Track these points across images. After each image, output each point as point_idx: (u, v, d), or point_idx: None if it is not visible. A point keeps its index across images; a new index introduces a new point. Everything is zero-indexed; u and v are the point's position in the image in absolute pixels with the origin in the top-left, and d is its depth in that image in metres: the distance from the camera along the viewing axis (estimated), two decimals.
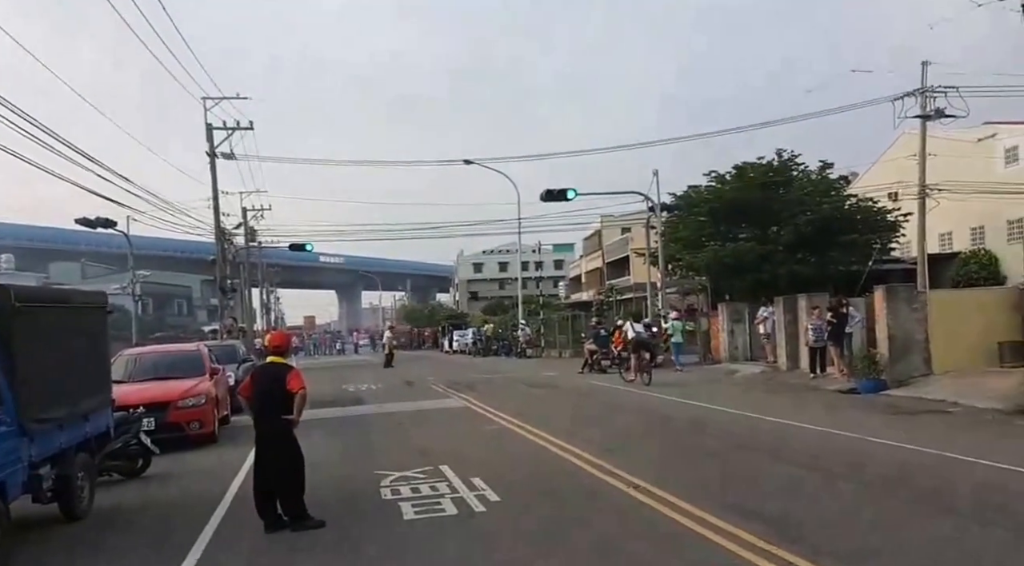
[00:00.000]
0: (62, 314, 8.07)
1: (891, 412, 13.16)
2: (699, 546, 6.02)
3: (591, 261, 64.43)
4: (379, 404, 17.92)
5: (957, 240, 34.45)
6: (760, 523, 6.44)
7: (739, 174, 30.11)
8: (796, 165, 30.40)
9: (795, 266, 27.41)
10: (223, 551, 6.65)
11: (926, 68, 24.88)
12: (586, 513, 7.22)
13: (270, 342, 7.92)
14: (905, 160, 28.86)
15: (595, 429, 12.48)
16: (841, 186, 31.17)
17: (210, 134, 31.53)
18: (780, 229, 28.81)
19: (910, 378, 16.10)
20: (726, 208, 29.06)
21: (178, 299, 76.13)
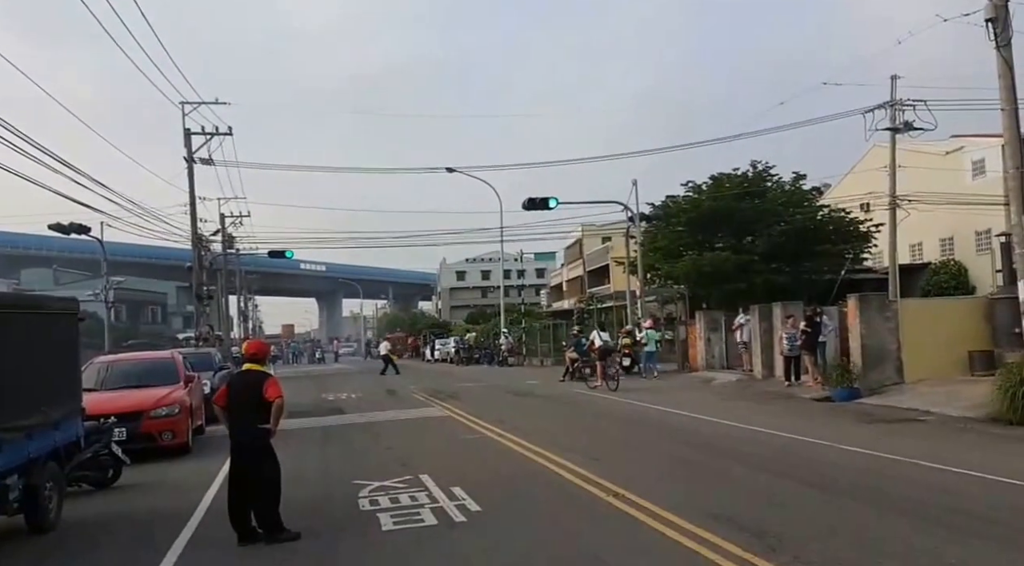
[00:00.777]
0: (32, 321, 7.82)
1: (865, 421, 13.18)
2: (680, 555, 5.92)
3: (572, 270, 64.52)
4: (359, 413, 17.67)
5: (927, 251, 34.87)
6: (739, 531, 6.37)
7: (715, 185, 30.35)
8: (770, 176, 30.71)
9: (771, 275, 27.60)
10: (195, 561, 6.44)
11: (895, 82, 25.19)
12: (567, 522, 7.10)
13: (247, 350, 7.73)
14: (876, 172, 29.18)
15: (576, 437, 12.37)
16: (814, 197, 31.49)
17: (188, 139, 31.10)
18: (755, 239, 29.04)
19: (883, 386, 16.18)
20: (703, 218, 29.23)
21: (153, 306, 75.13)
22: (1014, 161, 13.29)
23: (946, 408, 13.31)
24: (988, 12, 13.00)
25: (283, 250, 39.62)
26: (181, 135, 31.00)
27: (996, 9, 12.95)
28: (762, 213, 29.09)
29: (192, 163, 31.30)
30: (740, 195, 29.50)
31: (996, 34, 12.98)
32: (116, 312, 53.30)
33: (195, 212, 31.65)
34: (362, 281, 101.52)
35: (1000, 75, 13.29)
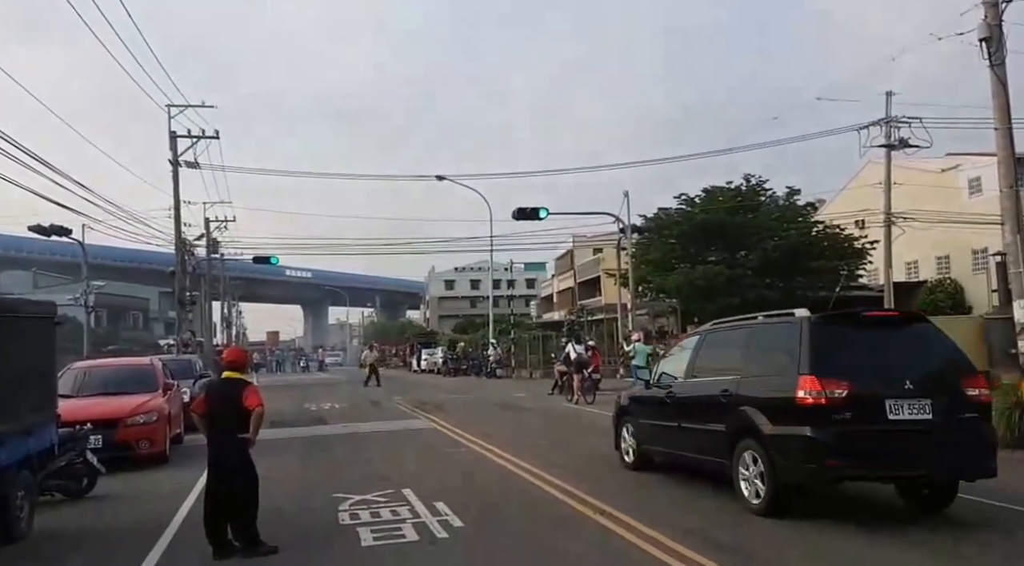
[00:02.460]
0: (6, 324, 7.68)
1: None
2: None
3: (563, 281, 64.56)
4: (342, 424, 17.54)
5: (923, 268, 35.08)
6: (730, 554, 6.34)
7: (708, 198, 30.55)
8: (764, 191, 30.95)
9: (763, 290, 27.78)
10: None
11: (890, 98, 25.42)
12: (552, 540, 7.04)
13: (226, 357, 7.65)
14: (871, 188, 29.39)
15: (562, 452, 12.32)
16: (808, 212, 31.73)
17: (173, 142, 31.06)
18: (748, 253, 29.22)
19: None
20: (696, 231, 29.38)
21: (134, 311, 74.67)
22: (1007, 180, 13.38)
23: None
24: (982, 31, 13.12)
25: (268, 256, 39.44)
26: (166, 138, 30.97)
27: (990, 28, 13.06)
28: (756, 227, 29.28)
29: (177, 166, 31.24)
30: (733, 209, 29.69)
31: (990, 53, 13.09)
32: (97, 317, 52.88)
33: (179, 216, 31.59)
34: (349, 289, 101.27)
35: (994, 94, 13.40)
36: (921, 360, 7.79)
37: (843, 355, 7.58)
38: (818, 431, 7.19)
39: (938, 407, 7.33)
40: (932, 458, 7.33)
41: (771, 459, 7.55)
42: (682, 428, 9.28)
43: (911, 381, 7.37)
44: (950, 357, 7.92)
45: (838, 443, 7.17)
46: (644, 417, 10.36)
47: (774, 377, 7.83)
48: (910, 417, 7.26)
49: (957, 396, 7.53)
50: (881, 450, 7.27)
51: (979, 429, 7.56)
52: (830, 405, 7.20)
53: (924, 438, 7.28)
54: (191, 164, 31.87)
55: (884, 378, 7.44)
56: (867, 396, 7.27)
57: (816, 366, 7.35)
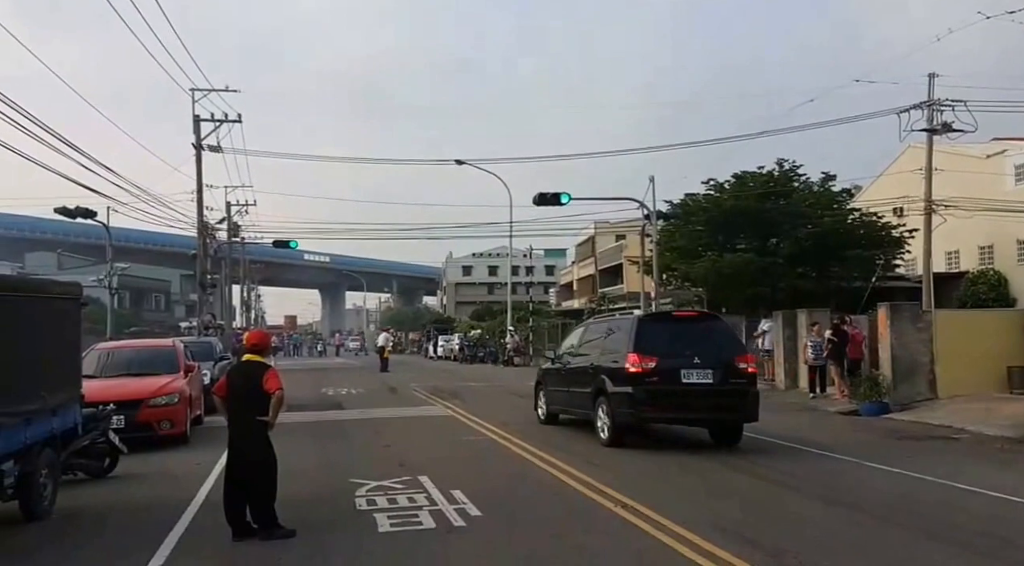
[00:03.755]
0: (34, 305, 7.89)
1: (895, 437, 13.08)
2: None
3: (583, 268, 64.36)
4: (359, 410, 17.75)
5: (964, 259, 34.47)
6: (754, 550, 6.37)
7: (738, 183, 30.03)
8: (797, 176, 30.33)
9: (795, 280, 27.32)
10: (188, 559, 6.51)
11: (933, 81, 24.91)
12: (571, 533, 7.10)
13: (248, 340, 7.79)
14: (911, 174, 28.90)
15: (580, 442, 12.36)
16: (844, 199, 31.12)
17: (197, 126, 31.53)
18: (780, 241, 28.72)
19: (914, 402, 16.00)
20: (724, 218, 28.96)
21: (156, 293, 75.65)
22: None
23: (982, 426, 13.15)
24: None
25: (287, 240, 39.75)
26: (190, 121, 31.43)
27: None
28: (788, 214, 28.75)
29: (200, 150, 31.69)
30: (765, 195, 29.18)
31: None
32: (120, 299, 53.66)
33: (202, 199, 32.00)
34: (366, 274, 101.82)
35: None
36: (708, 344, 11.74)
37: (656, 341, 11.58)
38: (636, 390, 11.26)
39: (717, 375, 11.37)
40: (713, 408, 11.51)
41: (611, 409, 11.59)
42: (570, 392, 13.37)
43: (699, 357, 11.39)
44: (729, 343, 12.26)
45: (649, 398, 11.24)
46: (551, 385, 14.44)
47: (615, 354, 11.88)
48: (698, 381, 11.34)
49: (731, 368, 11.53)
50: (678, 403, 11.40)
51: (746, 390, 11.59)
52: (644, 373, 11.25)
53: (707, 395, 11.39)
54: (214, 148, 32.43)
55: (681, 355, 11.40)
56: (669, 367, 11.28)
57: (638, 347, 11.41)
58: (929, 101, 24.71)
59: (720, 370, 11.40)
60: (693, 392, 11.34)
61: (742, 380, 11.59)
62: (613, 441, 11.56)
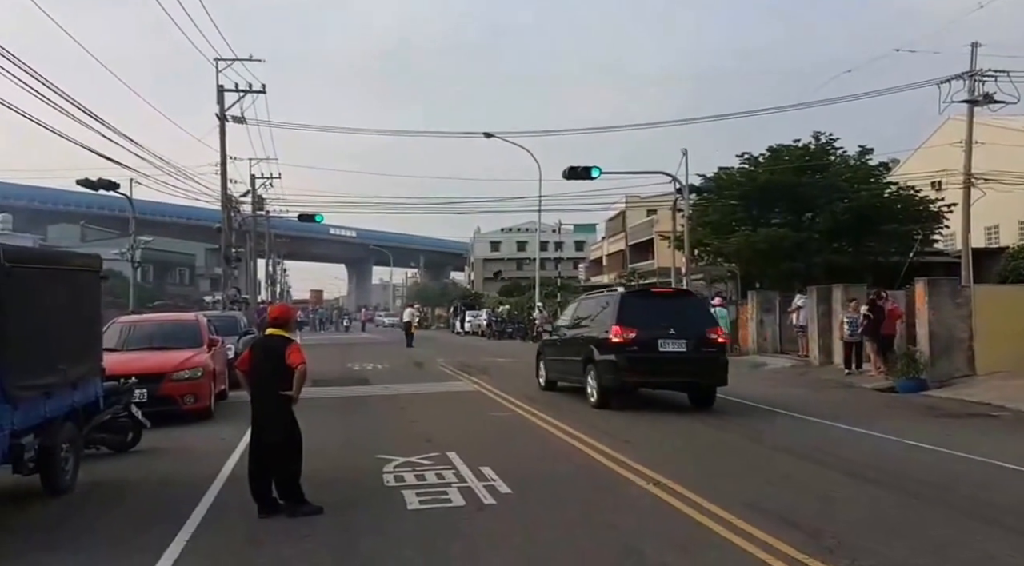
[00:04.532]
0: (54, 276, 7.81)
1: (932, 414, 12.86)
2: (728, 553, 5.74)
3: (613, 243, 63.97)
4: (385, 385, 17.72)
5: (1005, 234, 33.64)
6: (792, 529, 6.19)
7: (773, 157, 29.65)
8: (834, 149, 29.90)
9: (831, 255, 26.99)
10: (212, 535, 6.42)
11: (975, 50, 24.12)
12: (603, 510, 6.96)
13: (271, 314, 7.68)
14: (950, 147, 28.17)
15: (611, 419, 12.23)
16: (881, 173, 30.60)
17: (221, 96, 31.45)
18: (816, 216, 28.34)
19: (952, 378, 15.77)
20: (759, 192, 28.60)
21: (180, 267, 76.27)
22: None
23: (1022, 403, 12.88)
24: None
25: (313, 213, 39.84)
26: (213, 93, 31.38)
27: None
28: (824, 188, 28.37)
29: (224, 121, 31.64)
30: (800, 169, 28.79)
31: None
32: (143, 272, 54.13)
33: (225, 171, 31.98)
34: (393, 248, 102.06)
35: None
36: (683, 317, 13.33)
37: (637, 314, 13.12)
38: (619, 357, 12.80)
39: (690, 344, 12.90)
40: (687, 373, 13.05)
41: (597, 374, 13.19)
42: (565, 360, 14.93)
43: (674, 329, 12.94)
44: (702, 316, 14.02)
45: (630, 365, 12.76)
46: (549, 355, 16.09)
47: (602, 326, 13.42)
48: (673, 350, 12.86)
49: (703, 339, 13.08)
50: (655, 369, 12.95)
51: (716, 357, 13.20)
52: (625, 342, 12.77)
53: (682, 362, 12.90)
54: (238, 119, 32.31)
55: (658, 327, 12.91)
56: (647, 337, 12.78)
57: (620, 320, 12.96)
58: (971, 71, 23.95)
59: (693, 340, 12.97)
60: (669, 359, 12.89)
61: (712, 349, 13.25)
62: (600, 403, 13.11)
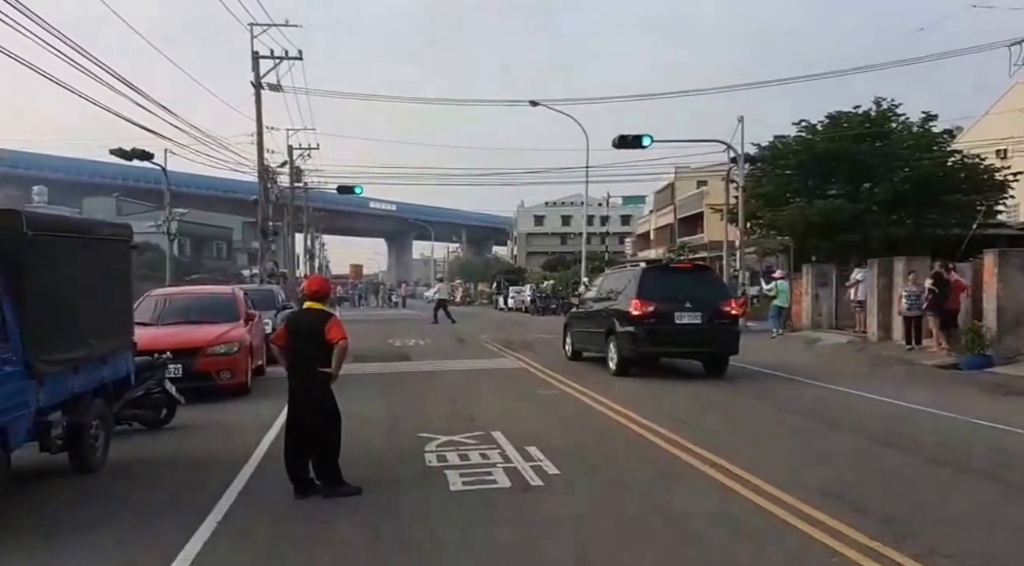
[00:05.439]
0: (81, 246, 7.64)
1: (1000, 392, 12.40)
2: (794, 540, 5.43)
3: (661, 217, 63.19)
4: (426, 361, 17.58)
5: None
6: (860, 515, 5.89)
7: (832, 124, 28.91)
8: (896, 116, 29.08)
9: (890, 227, 26.39)
10: (246, 514, 6.30)
11: None
12: (658, 493, 6.68)
13: (308, 287, 7.49)
14: (1019, 113, 27.18)
15: (661, 397, 11.94)
16: (945, 141, 29.62)
17: (256, 63, 31.24)
18: (874, 186, 27.71)
19: (1019, 355, 15.25)
20: (816, 161, 27.95)
21: (218, 241, 76.87)
22: None
23: None
24: None
25: (352, 185, 39.72)
26: (248, 59, 31.27)
27: None
28: (884, 157, 27.66)
29: (260, 89, 31.50)
30: (860, 136, 28.04)
31: None
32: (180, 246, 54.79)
33: (262, 141, 31.98)
34: (433, 223, 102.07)
35: None
36: (699, 291, 14.30)
37: (657, 288, 14.14)
38: (638, 329, 13.88)
39: (705, 317, 13.90)
40: (701, 344, 14.09)
41: (618, 345, 14.24)
42: (589, 332, 16.00)
43: (690, 302, 13.91)
44: (717, 290, 15.15)
45: (648, 336, 13.86)
46: (576, 327, 17.11)
47: (624, 300, 14.41)
48: (689, 322, 13.87)
49: (717, 311, 14.06)
50: (672, 340, 14.03)
51: (729, 329, 14.29)
52: (644, 315, 13.81)
53: (697, 333, 13.90)
54: (274, 87, 32.11)
55: (676, 300, 13.90)
56: (665, 310, 13.81)
57: (640, 294, 13.99)
58: None
59: (708, 313, 13.94)
60: (684, 330, 13.91)
61: (726, 321, 14.28)
62: (620, 371, 14.13)
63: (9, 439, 6.23)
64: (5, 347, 6.19)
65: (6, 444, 6.19)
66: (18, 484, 6.85)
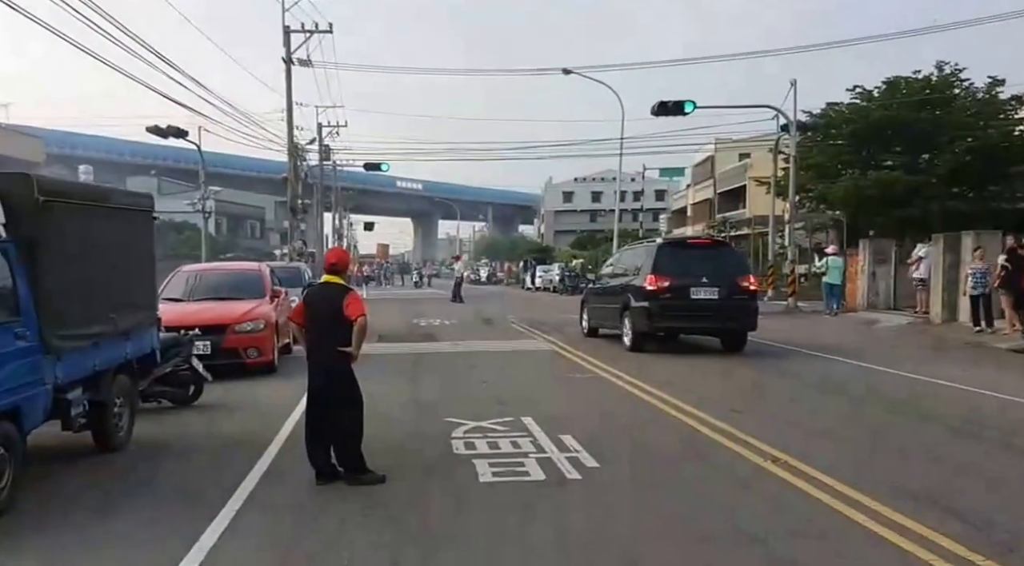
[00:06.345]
0: (99, 215, 7.29)
1: None
2: (877, 548, 4.89)
3: (700, 191, 62.05)
4: (452, 342, 17.16)
5: None
6: (953, 519, 5.31)
7: (889, 90, 27.95)
8: (959, 81, 27.99)
9: (950, 201, 25.52)
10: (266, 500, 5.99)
11: None
12: (712, 491, 6.15)
13: (328, 259, 7.08)
14: None
15: (709, 382, 11.40)
16: (1013, 108, 28.48)
17: (287, 38, 31.18)
18: (934, 157, 26.80)
19: None
20: (871, 130, 27.06)
21: (251, 220, 77.34)
22: None
23: None
24: None
25: (379, 162, 39.64)
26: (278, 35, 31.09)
27: None
28: (945, 126, 26.72)
29: (290, 64, 31.38)
30: (919, 103, 27.05)
31: None
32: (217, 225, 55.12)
33: (291, 117, 31.81)
34: (460, 201, 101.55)
35: None
36: (716, 266, 14.38)
37: (671, 263, 14.29)
38: (652, 304, 14.06)
39: (722, 292, 14.00)
40: (718, 319, 14.25)
41: (632, 320, 14.51)
42: (605, 308, 16.31)
43: (706, 277, 14.04)
44: (735, 265, 15.02)
45: (663, 311, 14.02)
46: (592, 303, 17.58)
47: (639, 276, 14.65)
48: (705, 297, 14.01)
49: (735, 286, 14.15)
50: (688, 315, 14.17)
51: (746, 304, 14.36)
52: (659, 291, 13.98)
53: (713, 309, 14.07)
54: (304, 62, 32.09)
55: (692, 276, 14.06)
56: (680, 285, 13.94)
57: (655, 269, 14.18)
58: None
59: (725, 288, 14.05)
60: (700, 306, 14.05)
61: (743, 296, 14.36)
62: (634, 347, 14.45)
63: (23, 418, 5.99)
64: (18, 322, 5.93)
65: (19, 423, 5.93)
66: (41, 463, 6.69)
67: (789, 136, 25.94)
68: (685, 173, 60.85)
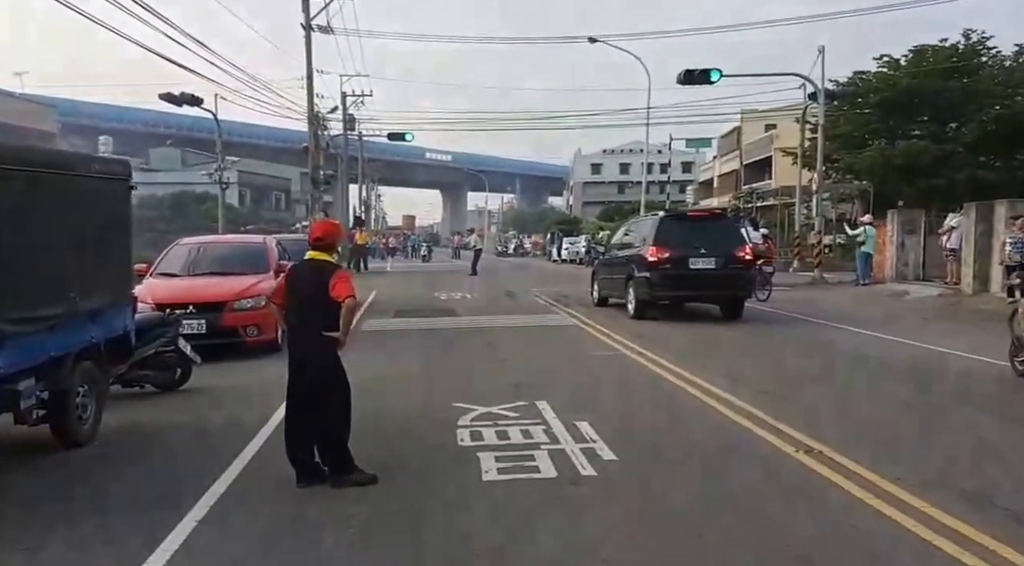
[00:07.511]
0: (63, 184, 6.47)
1: None
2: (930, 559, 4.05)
3: (726, 163, 60.57)
4: (471, 317, 16.27)
5: None
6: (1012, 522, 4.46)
7: (916, 58, 26.73)
8: (987, 49, 26.81)
9: (978, 170, 24.39)
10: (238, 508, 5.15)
11: None
12: (744, 490, 5.29)
13: (312, 232, 6.22)
14: None
15: (738, 362, 10.46)
16: None
17: (306, 3, 29.94)
18: (962, 126, 25.64)
19: None
20: (898, 99, 25.87)
21: (276, 192, 76.64)
22: None
23: None
24: None
25: (403, 132, 38.67)
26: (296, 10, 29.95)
27: None
28: (973, 95, 25.56)
29: (310, 30, 30.19)
30: (947, 72, 25.81)
31: None
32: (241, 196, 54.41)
33: (311, 85, 30.67)
34: (488, 173, 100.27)
35: None
36: (714, 238, 14.85)
37: (672, 235, 14.73)
38: (653, 274, 14.52)
39: (719, 262, 14.38)
40: (715, 287, 14.66)
41: (635, 289, 14.93)
42: (612, 278, 16.71)
43: (704, 248, 14.43)
44: (732, 237, 15.44)
45: (663, 280, 14.49)
46: (601, 275, 17.82)
47: (642, 247, 15.07)
48: (703, 267, 14.40)
49: (731, 257, 14.54)
50: (686, 284, 14.53)
51: (742, 273, 14.92)
52: (660, 261, 14.43)
53: (710, 278, 14.46)
54: (324, 29, 30.80)
55: (691, 247, 14.49)
56: (680, 256, 14.37)
57: (656, 241, 14.65)
58: None
59: (722, 258, 14.39)
60: (699, 275, 14.42)
61: (739, 266, 14.76)
62: (637, 314, 14.79)
63: None
64: None
65: None
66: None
67: (817, 104, 24.71)
68: (712, 144, 59.37)
